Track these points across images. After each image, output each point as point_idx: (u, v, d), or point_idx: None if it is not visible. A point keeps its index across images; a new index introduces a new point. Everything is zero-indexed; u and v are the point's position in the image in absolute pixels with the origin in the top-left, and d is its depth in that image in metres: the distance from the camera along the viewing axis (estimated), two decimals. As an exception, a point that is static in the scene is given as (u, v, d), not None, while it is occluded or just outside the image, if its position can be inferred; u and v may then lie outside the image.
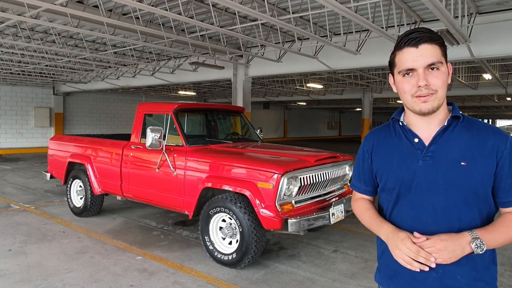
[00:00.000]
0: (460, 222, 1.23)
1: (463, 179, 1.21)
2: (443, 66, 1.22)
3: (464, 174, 1.21)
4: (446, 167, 1.23)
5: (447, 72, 1.23)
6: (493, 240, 1.19)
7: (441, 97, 1.22)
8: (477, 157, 1.21)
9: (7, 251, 4.25)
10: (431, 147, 1.26)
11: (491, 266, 1.28)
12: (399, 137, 1.34)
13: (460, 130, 1.26)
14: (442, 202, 1.24)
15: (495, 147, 1.21)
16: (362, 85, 15.83)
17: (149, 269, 3.84)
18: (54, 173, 6.41)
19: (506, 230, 1.21)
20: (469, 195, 1.22)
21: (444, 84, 1.22)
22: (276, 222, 3.60)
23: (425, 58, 1.19)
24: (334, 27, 7.43)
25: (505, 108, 30.36)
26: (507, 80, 13.83)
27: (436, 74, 1.20)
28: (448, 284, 1.24)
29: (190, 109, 5.28)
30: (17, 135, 16.93)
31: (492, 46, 6.66)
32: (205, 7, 6.38)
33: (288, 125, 32.21)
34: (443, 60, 1.22)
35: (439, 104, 1.23)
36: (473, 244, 1.16)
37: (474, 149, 1.22)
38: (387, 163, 1.35)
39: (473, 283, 1.24)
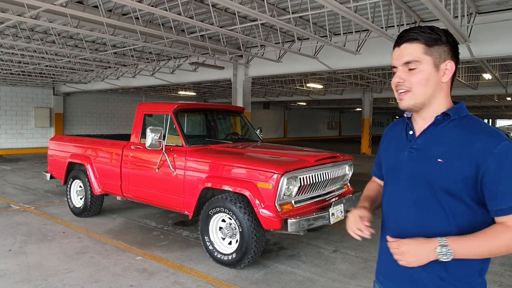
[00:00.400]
0: (428, 219, 1.22)
1: (436, 176, 1.20)
2: (422, 65, 1.22)
3: (438, 171, 1.19)
4: (424, 161, 1.24)
5: (428, 71, 1.22)
6: (465, 249, 1.14)
7: (417, 95, 1.24)
8: (456, 157, 1.17)
9: (7, 251, 4.26)
10: (419, 139, 1.28)
11: (473, 276, 1.21)
12: (401, 129, 1.39)
13: (452, 128, 1.23)
14: (414, 195, 1.25)
15: (480, 151, 1.14)
16: (362, 85, 15.82)
17: (149, 269, 3.84)
18: (54, 173, 6.41)
19: (486, 240, 1.14)
20: (440, 194, 1.19)
21: (420, 83, 1.22)
22: (275, 222, 3.60)
23: (401, 57, 1.24)
24: (334, 27, 7.43)
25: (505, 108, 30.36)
26: (507, 80, 13.83)
27: (412, 73, 1.23)
28: (407, 271, 1.24)
29: (190, 109, 5.28)
30: (17, 135, 16.93)
31: (492, 46, 6.65)
32: (205, 7, 6.38)
33: (288, 125, 32.21)
34: (423, 58, 1.22)
35: (416, 103, 1.25)
36: (438, 250, 1.14)
37: (457, 148, 1.18)
38: (385, 152, 1.44)
39: (439, 283, 1.21)
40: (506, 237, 1.13)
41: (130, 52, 9.88)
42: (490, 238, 1.14)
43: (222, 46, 8.12)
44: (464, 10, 5.86)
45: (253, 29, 7.64)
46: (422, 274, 1.22)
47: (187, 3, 6.05)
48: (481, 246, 1.14)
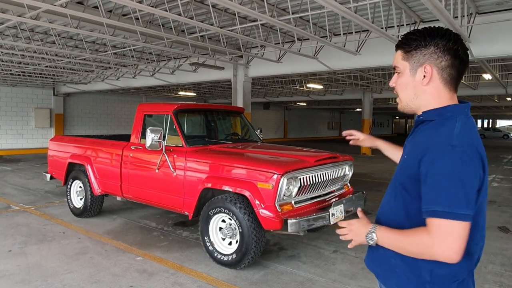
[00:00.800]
0: (389, 211, 1.35)
1: (399, 171, 1.33)
2: (402, 70, 1.32)
3: (401, 166, 1.33)
4: (402, 157, 1.38)
5: (407, 76, 1.30)
6: (385, 239, 1.26)
7: (402, 99, 1.34)
8: (413, 155, 1.25)
9: (7, 252, 4.25)
10: (408, 138, 1.39)
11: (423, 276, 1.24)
12: None
13: (426, 129, 1.28)
14: (392, 186, 1.38)
15: (424, 151, 1.18)
16: (362, 86, 15.82)
17: (149, 270, 3.84)
18: (54, 174, 6.41)
19: (402, 236, 1.21)
20: (398, 187, 1.30)
21: (401, 87, 1.33)
22: (276, 223, 3.60)
23: (393, 62, 1.37)
24: (334, 28, 7.43)
25: (505, 108, 30.36)
26: (507, 80, 13.83)
27: (397, 77, 1.35)
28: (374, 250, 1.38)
29: (190, 109, 5.28)
30: (17, 136, 16.94)
31: (492, 46, 6.65)
32: (205, 8, 6.38)
33: (288, 125, 32.20)
34: (401, 64, 1.31)
35: (402, 106, 1.35)
36: (366, 234, 1.30)
37: (416, 147, 1.26)
38: None
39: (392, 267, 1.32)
40: (418, 238, 1.16)
41: (130, 52, 9.88)
42: (407, 235, 1.20)
43: (222, 46, 8.12)
44: (464, 11, 5.86)
45: (253, 30, 7.64)
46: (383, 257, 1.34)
47: (187, 3, 6.05)
48: (398, 240, 1.22)
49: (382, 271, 1.37)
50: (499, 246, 4.72)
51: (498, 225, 5.75)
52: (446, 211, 1.09)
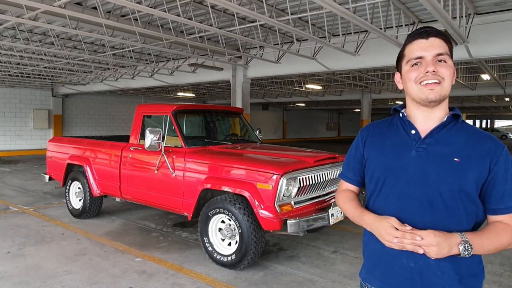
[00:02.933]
0: (446, 219, 1.21)
1: (453, 175, 1.20)
2: (450, 61, 1.26)
3: (455, 170, 1.20)
4: (439, 160, 1.22)
5: (453, 69, 1.27)
6: (481, 246, 1.17)
7: (446, 88, 1.24)
8: (472, 156, 1.21)
9: (6, 253, 4.24)
10: (427, 139, 1.26)
11: (479, 274, 1.27)
12: (395, 128, 1.35)
13: (459, 129, 1.27)
14: (430, 196, 1.22)
15: (491, 151, 1.21)
16: (361, 86, 15.84)
17: (148, 271, 3.83)
18: (53, 175, 6.40)
19: (495, 237, 1.19)
20: (457, 192, 1.20)
21: (450, 76, 1.24)
22: (275, 223, 3.60)
23: (434, 48, 1.23)
24: (333, 28, 7.44)
25: (503, 108, 30.43)
26: (505, 81, 13.86)
27: (443, 65, 1.24)
28: (428, 278, 1.22)
29: (189, 110, 5.27)
30: (16, 137, 16.90)
31: (490, 46, 6.67)
32: (204, 9, 6.38)
33: (287, 126, 32.22)
34: (449, 54, 1.26)
35: (444, 95, 1.24)
36: (461, 247, 1.14)
37: (471, 148, 1.22)
38: (378, 152, 1.36)
39: (456, 286, 1.21)
40: (508, 233, 1.20)
41: (129, 53, 9.87)
42: (497, 234, 1.19)
43: (221, 47, 8.12)
44: (462, 11, 5.88)
45: (252, 30, 7.65)
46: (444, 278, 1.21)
47: (186, 4, 6.05)
48: (491, 243, 1.19)
49: None
50: (498, 246, 4.73)
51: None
52: None
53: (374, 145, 1.38)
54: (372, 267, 1.35)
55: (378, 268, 1.32)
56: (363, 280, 1.40)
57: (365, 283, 1.39)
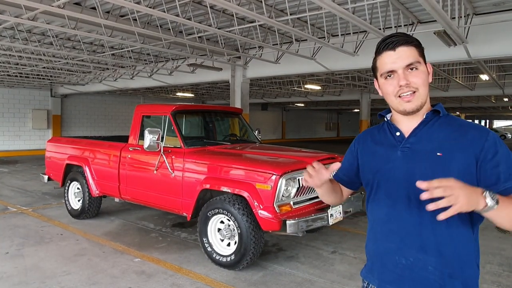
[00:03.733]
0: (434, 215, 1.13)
1: (438, 169, 1.21)
2: (422, 66, 1.27)
3: (439, 164, 1.22)
4: (422, 157, 1.25)
5: (426, 72, 1.29)
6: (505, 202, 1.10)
7: (423, 95, 1.27)
8: (454, 149, 1.22)
9: (5, 254, 4.23)
10: (410, 139, 1.30)
11: (473, 270, 1.25)
12: (384, 133, 1.40)
13: (441, 124, 1.29)
14: (417, 193, 1.16)
15: (474, 139, 1.21)
16: (360, 86, 15.86)
17: (147, 271, 3.83)
18: (52, 175, 6.39)
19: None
20: None
21: (424, 83, 1.27)
22: (274, 224, 3.60)
23: (403, 60, 1.25)
24: (332, 29, 7.45)
25: (502, 108, 30.49)
26: (504, 81, 13.88)
27: (416, 73, 1.26)
28: (419, 274, 1.24)
29: (188, 110, 5.27)
30: (14, 137, 16.88)
31: (489, 47, 6.68)
32: (203, 9, 6.38)
33: (286, 126, 32.23)
34: (420, 60, 1.27)
35: (422, 103, 1.28)
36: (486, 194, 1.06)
37: (452, 141, 1.24)
38: (370, 157, 1.41)
39: (447, 280, 1.22)
40: None
41: (128, 53, 9.86)
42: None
43: (220, 47, 8.12)
44: (461, 11, 5.88)
45: (251, 31, 7.65)
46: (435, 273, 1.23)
47: (185, 4, 6.05)
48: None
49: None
50: (497, 246, 4.73)
51: (496, 225, 5.77)
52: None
53: (367, 152, 1.43)
54: (370, 265, 1.40)
55: (375, 266, 1.37)
56: (364, 278, 1.44)
57: (365, 280, 1.43)
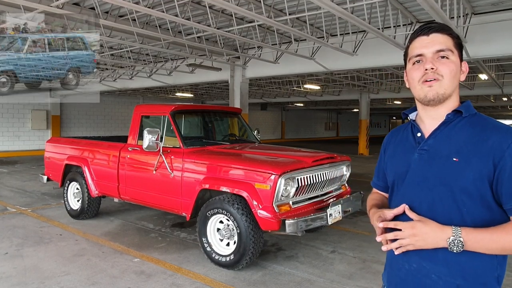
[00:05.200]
0: (445, 221, 1.14)
1: (452, 176, 1.14)
2: (454, 56, 1.21)
3: (454, 170, 1.14)
4: (438, 162, 1.19)
5: (458, 64, 1.22)
6: (477, 242, 1.08)
7: (447, 86, 1.20)
8: (471, 154, 1.13)
9: (4, 254, 4.23)
10: (429, 141, 1.24)
11: (490, 282, 1.14)
12: (406, 133, 1.35)
13: (464, 126, 1.20)
14: (429, 198, 1.19)
15: (495, 146, 1.10)
16: (359, 86, 15.86)
17: (147, 272, 3.83)
18: (51, 175, 6.38)
19: (500, 235, 1.08)
20: (457, 194, 1.14)
21: (451, 73, 1.19)
22: (273, 223, 3.60)
23: (434, 45, 1.20)
24: (331, 28, 7.45)
25: (501, 108, 30.50)
26: (503, 80, 13.90)
27: (445, 61, 1.20)
28: (422, 281, 1.20)
29: (187, 110, 5.27)
30: (13, 137, 16.86)
31: (487, 46, 6.69)
32: (202, 9, 6.39)
33: (286, 126, 32.23)
34: (454, 50, 1.21)
35: (444, 93, 1.20)
36: (450, 240, 1.09)
37: (471, 146, 1.14)
38: (392, 158, 1.38)
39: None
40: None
41: (127, 54, 9.86)
42: (505, 233, 1.08)
43: (219, 47, 8.12)
44: (460, 11, 5.89)
45: (250, 31, 7.65)
46: (439, 283, 1.16)
47: (184, 4, 6.05)
48: (495, 240, 1.08)
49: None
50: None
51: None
52: None
53: (390, 154, 1.40)
54: (386, 267, 1.40)
55: (387, 268, 1.37)
56: (383, 278, 1.44)
57: (383, 281, 1.43)
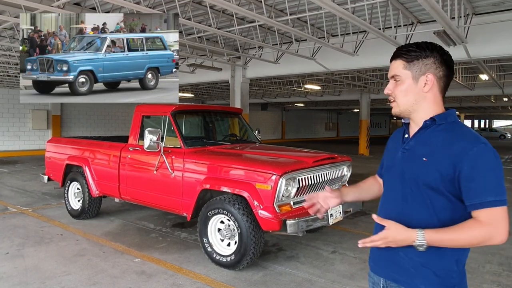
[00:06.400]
0: (415, 212, 1.38)
1: (420, 173, 1.36)
2: (402, 78, 1.41)
3: (422, 168, 1.35)
4: (412, 160, 1.40)
5: (410, 83, 1.40)
6: (436, 242, 1.28)
7: (401, 104, 1.43)
8: (437, 156, 1.33)
9: (5, 254, 4.23)
10: (411, 142, 1.44)
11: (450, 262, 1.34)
12: (401, 134, 1.56)
13: (440, 131, 1.38)
14: (403, 190, 1.42)
15: (458, 151, 1.29)
16: (359, 86, 15.86)
17: (147, 272, 3.83)
18: (52, 175, 6.39)
19: (458, 233, 1.27)
20: (424, 189, 1.35)
21: (401, 94, 1.42)
22: (274, 224, 3.60)
23: (391, 71, 1.46)
24: (332, 29, 7.45)
25: (501, 108, 30.49)
26: (504, 81, 13.90)
27: (396, 85, 1.44)
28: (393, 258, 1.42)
29: (187, 110, 5.27)
30: (14, 137, 16.87)
31: (488, 46, 6.69)
32: (203, 9, 6.39)
33: (286, 126, 32.23)
34: (402, 73, 1.41)
35: (400, 110, 1.44)
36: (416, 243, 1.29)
37: (441, 148, 1.33)
38: (387, 153, 1.63)
39: (420, 269, 1.36)
40: (475, 230, 1.26)
41: (127, 53, 9.85)
42: (462, 231, 1.27)
43: (220, 47, 8.12)
44: (461, 11, 5.89)
45: (251, 31, 7.65)
46: (405, 259, 1.38)
47: (185, 4, 6.05)
48: (453, 239, 1.28)
49: (404, 276, 1.39)
50: (496, 246, 4.73)
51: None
52: (496, 199, 1.25)
53: (388, 148, 1.64)
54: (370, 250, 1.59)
55: (372, 250, 1.57)
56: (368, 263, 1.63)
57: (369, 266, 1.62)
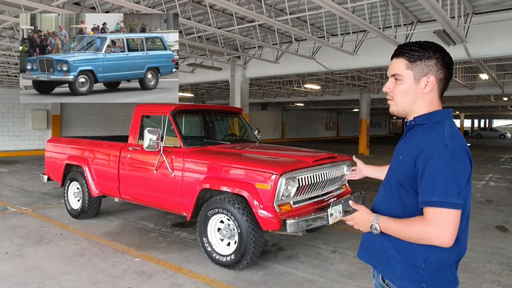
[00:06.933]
0: (391, 208, 1.47)
1: (396, 171, 1.47)
2: (404, 78, 1.42)
3: (398, 166, 1.45)
4: (395, 159, 1.50)
5: (411, 83, 1.41)
6: (387, 228, 1.40)
7: (399, 103, 1.46)
8: (408, 155, 1.39)
9: (4, 254, 4.23)
10: (401, 140, 1.54)
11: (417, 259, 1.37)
12: None
13: (420, 131, 1.42)
14: (385, 188, 1.53)
15: (419, 150, 1.34)
16: (359, 86, 15.86)
17: (147, 271, 3.83)
18: (52, 175, 6.38)
19: (401, 225, 1.35)
20: (394, 185, 1.45)
21: (400, 93, 1.44)
22: (274, 223, 3.60)
23: (391, 70, 1.47)
24: (332, 28, 7.45)
25: (501, 108, 30.50)
26: (504, 80, 13.89)
27: (396, 84, 1.46)
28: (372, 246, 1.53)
29: (187, 110, 5.27)
30: (14, 137, 16.87)
31: (488, 46, 6.69)
32: (202, 9, 6.38)
33: (286, 126, 32.23)
34: (404, 72, 1.42)
35: (398, 109, 1.48)
36: (372, 226, 1.45)
37: (411, 147, 1.40)
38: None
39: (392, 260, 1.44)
40: (416, 226, 1.31)
41: (127, 53, 9.85)
42: (406, 224, 1.35)
43: (219, 47, 8.12)
44: (460, 11, 5.88)
45: (251, 30, 7.65)
46: (380, 249, 1.48)
47: (185, 4, 6.05)
48: (397, 229, 1.37)
49: (379, 263, 1.50)
50: (496, 245, 4.74)
51: (495, 224, 5.77)
52: (441, 200, 1.26)
53: None
54: None
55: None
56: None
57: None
